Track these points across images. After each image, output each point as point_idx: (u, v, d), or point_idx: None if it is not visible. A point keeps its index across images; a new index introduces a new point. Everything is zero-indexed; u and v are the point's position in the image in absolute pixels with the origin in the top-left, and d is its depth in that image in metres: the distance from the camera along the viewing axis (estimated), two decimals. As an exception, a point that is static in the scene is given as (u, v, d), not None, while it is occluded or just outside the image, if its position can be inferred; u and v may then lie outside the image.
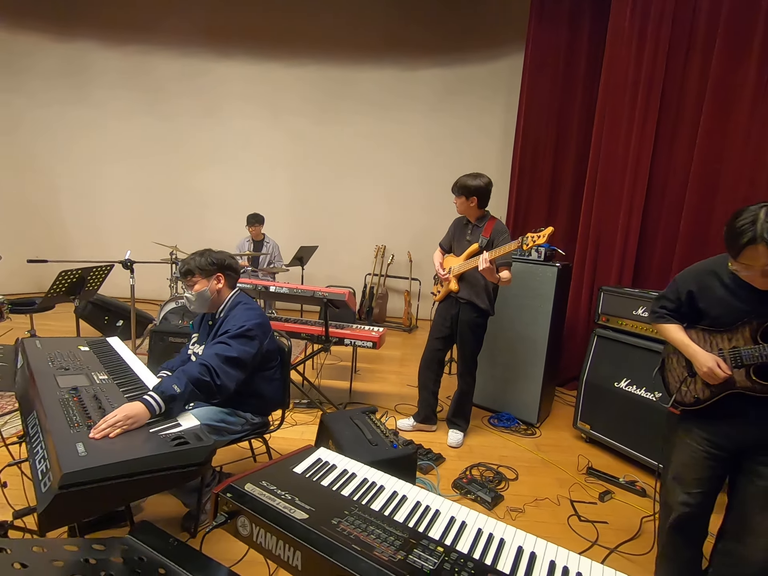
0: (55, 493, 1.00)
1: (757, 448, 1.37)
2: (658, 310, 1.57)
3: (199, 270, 1.82)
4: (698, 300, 1.46)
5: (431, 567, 0.82)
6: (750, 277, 1.28)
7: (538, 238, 2.16)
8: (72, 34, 5.78)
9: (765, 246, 1.17)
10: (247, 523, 0.95)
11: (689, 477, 1.47)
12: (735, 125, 2.92)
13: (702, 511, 1.49)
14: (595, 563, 0.89)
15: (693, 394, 1.48)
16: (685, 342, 1.47)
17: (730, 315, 1.38)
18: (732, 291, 1.37)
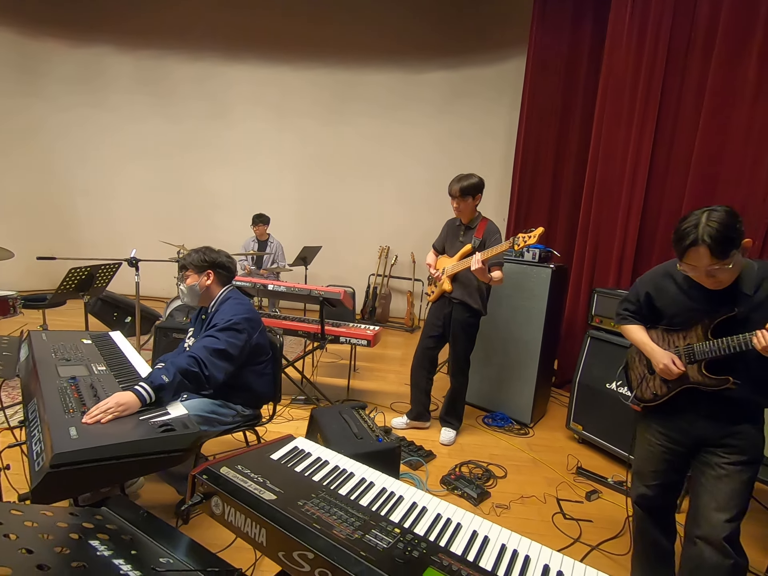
0: (47, 472, 1.08)
1: (709, 441, 1.43)
2: (622, 312, 1.64)
3: (191, 266, 1.92)
4: (655, 301, 1.52)
5: (384, 546, 0.88)
6: (697, 278, 1.33)
7: (528, 238, 2.19)
8: (88, 40, 5.98)
9: (706, 247, 1.23)
10: (220, 503, 1.01)
11: (647, 470, 1.53)
12: (734, 126, 2.91)
13: (661, 504, 1.53)
14: (556, 553, 0.92)
15: (652, 390, 1.54)
16: (644, 341, 1.54)
17: (684, 314, 1.45)
18: (685, 291, 1.43)
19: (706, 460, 1.43)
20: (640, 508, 1.60)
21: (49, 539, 0.64)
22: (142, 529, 0.78)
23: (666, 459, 1.49)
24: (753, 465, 1.39)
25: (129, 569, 0.63)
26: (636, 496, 1.60)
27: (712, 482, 1.39)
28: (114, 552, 0.67)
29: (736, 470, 1.37)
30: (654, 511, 1.58)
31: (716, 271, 1.26)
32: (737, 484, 1.36)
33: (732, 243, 1.23)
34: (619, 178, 3.41)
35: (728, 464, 1.38)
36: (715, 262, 1.24)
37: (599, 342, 2.75)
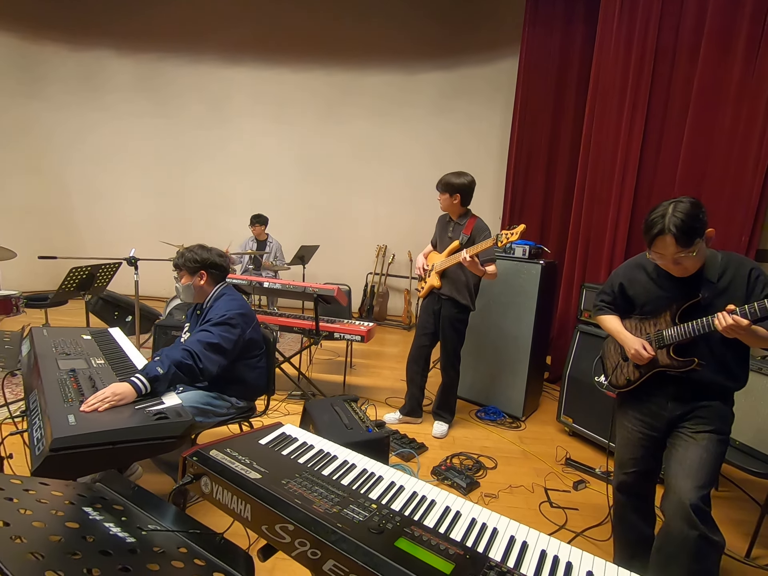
0: (46, 455, 1.15)
1: (677, 421, 1.50)
2: (598, 303, 1.73)
3: (184, 266, 1.98)
4: (627, 290, 1.61)
5: (360, 519, 0.94)
6: (665, 265, 1.41)
7: (511, 235, 2.25)
8: (88, 43, 6.06)
9: (671, 237, 1.30)
10: (209, 482, 1.08)
11: (626, 457, 1.60)
12: (720, 125, 2.96)
13: (640, 491, 1.59)
14: (522, 526, 0.97)
15: (625, 376, 1.61)
16: (618, 329, 1.61)
17: (653, 302, 1.53)
18: (654, 280, 1.52)
19: (676, 435, 1.49)
20: (621, 495, 1.65)
21: (46, 504, 0.70)
22: (132, 501, 0.84)
23: (643, 445, 1.56)
24: (720, 435, 1.43)
25: (118, 531, 0.69)
26: (617, 483, 1.66)
27: (681, 452, 1.44)
28: (105, 517, 0.73)
29: (704, 438, 1.41)
30: (633, 498, 1.64)
31: (682, 258, 1.34)
32: (704, 452, 1.39)
33: (696, 232, 1.30)
34: (609, 176, 3.46)
35: (695, 433, 1.44)
36: (680, 251, 1.32)
37: (588, 336, 2.80)
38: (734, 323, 1.27)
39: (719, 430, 1.44)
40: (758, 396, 2.08)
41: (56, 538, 0.60)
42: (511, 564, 0.86)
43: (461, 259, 2.39)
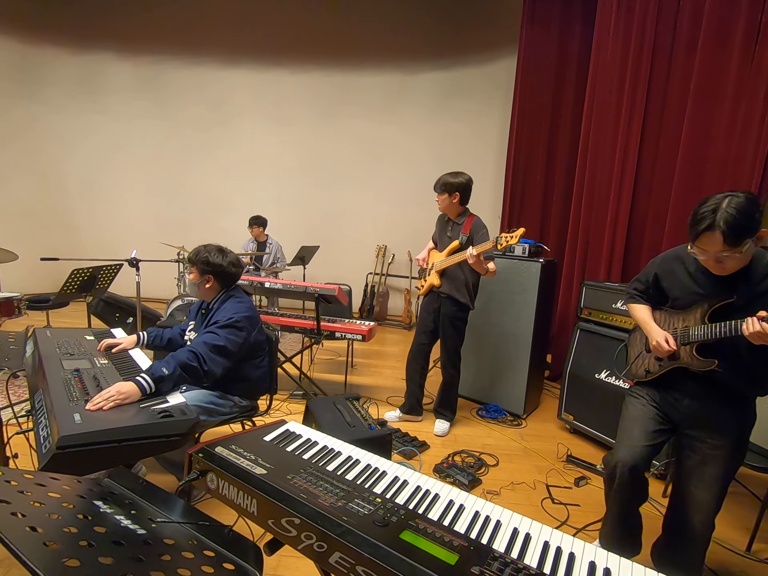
0: (53, 453, 1.16)
1: (693, 422, 1.48)
2: (631, 291, 1.70)
3: (195, 266, 1.98)
4: (661, 281, 1.57)
5: (365, 512, 0.95)
6: (705, 262, 1.35)
7: (511, 238, 2.27)
8: (88, 46, 6.08)
9: (720, 233, 1.22)
10: (215, 478, 1.09)
11: (636, 429, 1.53)
12: (718, 122, 2.98)
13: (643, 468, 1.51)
14: (525, 518, 0.99)
15: (645, 368, 1.60)
16: (645, 319, 1.58)
17: (686, 297, 1.48)
18: (691, 275, 1.47)
19: (693, 443, 1.49)
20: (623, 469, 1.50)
21: (58, 497, 0.71)
22: (141, 495, 0.86)
23: (656, 420, 1.53)
24: (738, 450, 1.45)
25: (129, 523, 0.71)
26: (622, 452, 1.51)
27: (698, 463, 1.46)
28: (115, 510, 0.74)
29: (722, 455, 1.43)
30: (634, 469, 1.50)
31: (726, 258, 1.27)
32: (720, 468, 1.43)
33: (748, 232, 1.22)
34: (608, 175, 3.48)
35: (714, 448, 1.44)
36: (726, 249, 1.24)
37: (588, 334, 2.82)
38: (761, 330, 1.22)
39: (738, 441, 1.44)
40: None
41: (69, 529, 0.61)
42: (515, 555, 0.87)
43: (467, 255, 2.39)
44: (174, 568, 0.62)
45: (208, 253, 1.97)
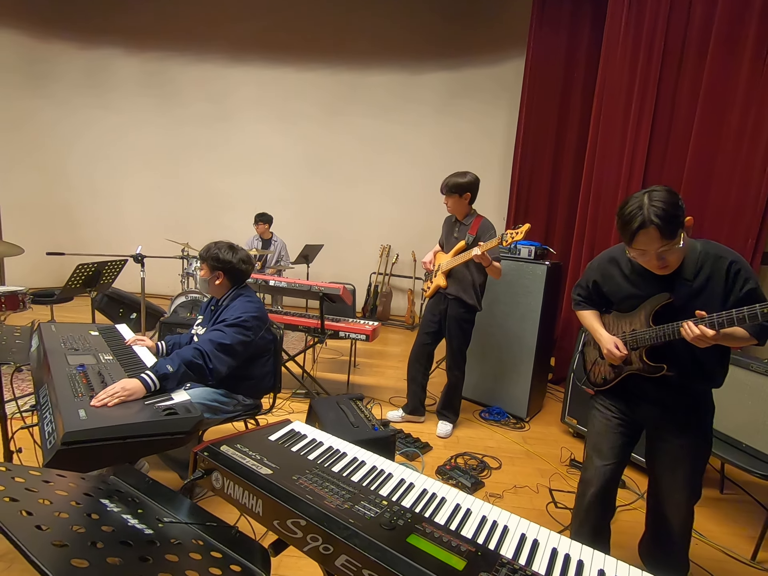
0: (58, 449, 1.16)
1: (659, 424, 1.49)
2: (576, 298, 1.66)
3: (206, 261, 1.98)
4: (602, 287, 1.54)
5: (372, 515, 0.94)
6: (646, 262, 1.32)
7: (516, 234, 2.26)
8: (96, 43, 6.09)
9: (655, 228, 1.20)
10: (220, 477, 1.08)
11: (605, 447, 1.53)
12: (727, 128, 2.96)
13: (614, 482, 1.55)
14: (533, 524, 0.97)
15: (602, 375, 1.58)
16: (594, 326, 1.56)
17: (628, 300, 1.46)
18: (627, 277, 1.44)
19: (660, 440, 1.49)
20: (594, 485, 1.54)
21: (65, 495, 0.71)
22: (147, 494, 0.85)
23: (621, 432, 1.52)
24: (704, 440, 1.47)
25: (136, 523, 0.70)
26: (594, 473, 1.54)
27: (669, 461, 1.47)
28: (122, 509, 0.74)
29: (690, 447, 1.44)
30: (605, 489, 1.53)
31: (666, 252, 1.25)
32: (693, 460, 1.45)
33: (678, 221, 1.21)
34: (615, 178, 3.46)
35: (680, 446, 1.45)
36: (665, 243, 1.22)
37: (593, 337, 2.80)
38: (701, 334, 1.21)
39: (703, 435, 1.46)
40: (765, 398, 2.07)
41: (77, 528, 0.61)
42: (523, 561, 0.86)
43: (473, 255, 2.38)
44: (182, 570, 0.61)
45: (218, 250, 1.97)
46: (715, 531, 2.05)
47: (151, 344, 2.00)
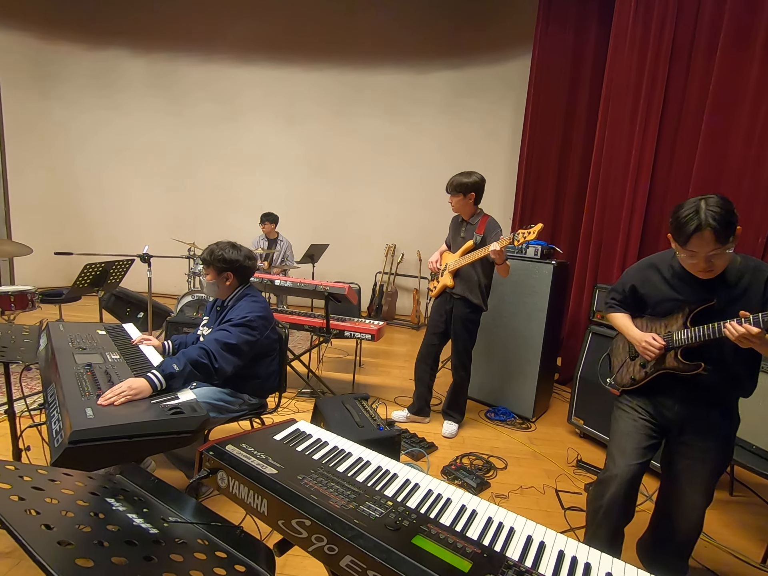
0: (66, 447, 1.16)
1: (684, 426, 1.50)
2: (609, 301, 1.71)
3: (212, 265, 1.97)
4: (639, 290, 1.58)
5: (377, 516, 0.94)
6: (693, 265, 1.36)
7: (528, 234, 2.25)
8: (103, 43, 6.14)
9: (711, 231, 1.25)
10: (225, 477, 1.08)
11: (630, 447, 1.52)
12: (737, 126, 2.92)
13: (635, 485, 1.52)
14: (540, 526, 0.96)
15: (630, 375, 1.60)
16: (627, 326, 1.60)
17: (665, 303, 1.50)
18: (668, 282, 1.49)
19: (683, 445, 1.51)
20: (615, 487, 1.49)
21: (71, 494, 0.71)
22: (153, 493, 0.85)
23: (648, 434, 1.53)
24: (726, 448, 1.49)
25: (141, 522, 0.70)
26: (616, 472, 1.50)
27: (689, 465, 1.49)
28: (128, 508, 0.74)
29: (711, 456, 1.47)
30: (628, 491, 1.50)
31: (715, 257, 1.29)
32: (712, 468, 1.47)
33: (733, 227, 1.26)
34: (622, 177, 3.43)
35: (703, 451, 1.47)
36: (717, 247, 1.27)
37: (600, 337, 2.78)
38: (745, 332, 1.24)
39: (726, 441, 1.47)
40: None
41: (83, 527, 0.61)
42: (529, 564, 0.85)
43: (490, 251, 2.35)
44: (186, 570, 0.61)
45: (222, 251, 1.96)
46: (725, 534, 2.02)
47: (157, 343, 2.01)
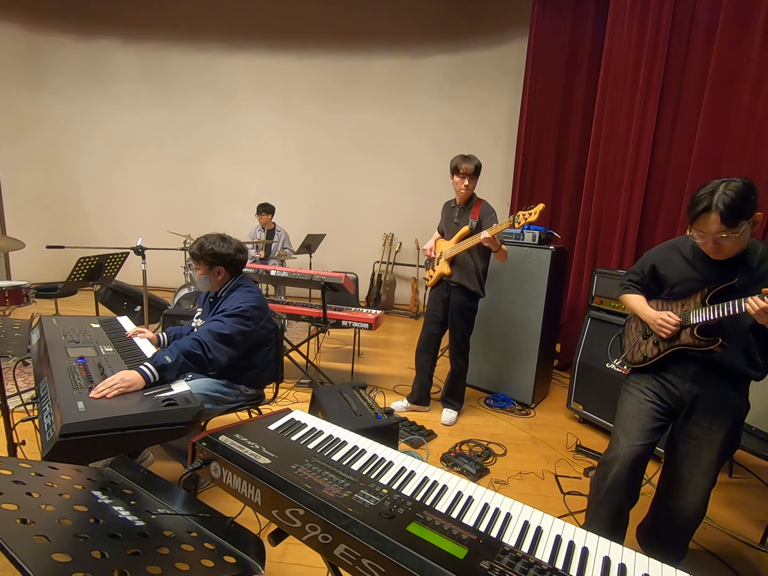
0: (57, 441, 1.15)
1: (694, 406, 1.48)
2: (625, 282, 1.70)
3: (202, 259, 1.93)
4: (659, 269, 1.58)
5: (372, 504, 0.92)
6: (704, 246, 1.37)
7: (529, 215, 2.20)
8: (93, 33, 6.02)
9: (717, 214, 1.26)
10: (218, 467, 1.07)
11: (634, 428, 1.52)
12: (737, 105, 2.86)
13: (640, 466, 1.52)
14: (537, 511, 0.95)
15: (642, 353, 1.59)
16: (642, 306, 1.59)
17: (684, 283, 1.50)
18: (689, 262, 1.49)
19: (689, 427, 1.50)
20: (618, 467, 1.50)
21: (54, 488, 0.69)
22: (142, 485, 0.84)
23: (654, 417, 1.52)
24: (733, 434, 1.48)
25: (127, 515, 0.68)
26: (619, 452, 1.51)
27: (694, 449, 1.48)
28: (114, 501, 0.72)
29: (718, 439, 1.46)
30: (631, 472, 1.50)
31: (723, 239, 1.29)
32: (716, 453, 1.46)
33: (742, 213, 1.26)
34: (621, 160, 3.38)
35: (710, 432, 1.46)
36: (723, 230, 1.27)
37: (599, 322, 2.76)
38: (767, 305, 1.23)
39: (735, 424, 1.46)
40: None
41: (65, 522, 0.59)
42: (526, 549, 0.84)
43: (481, 239, 2.32)
44: (172, 563, 0.59)
45: (212, 245, 1.92)
46: (724, 515, 2.03)
47: (151, 336, 1.99)
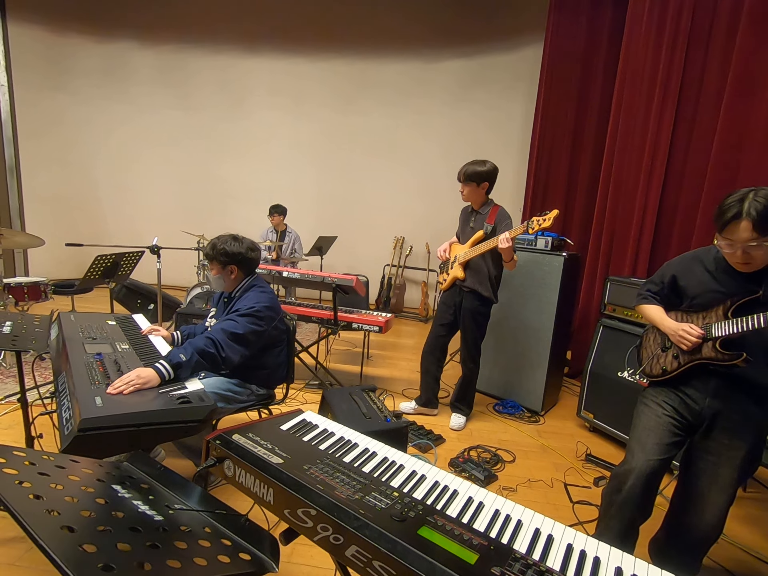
0: (75, 435, 1.18)
1: (714, 421, 1.45)
2: (644, 293, 1.67)
3: (216, 259, 1.96)
4: (680, 280, 1.54)
5: (383, 506, 0.93)
6: (731, 255, 1.34)
7: (543, 221, 2.19)
8: (112, 35, 6.14)
9: (749, 221, 1.24)
10: (232, 466, 1.08)
11: (651, 442, 1.50)
12: (756, 113, 2.82)
13: (655, 481, 1.50)
14: (548, 519, 0.95)
15: (661, 366, 1.56)
16: (661, 317, 1.56)
17: (706, 295, 1.46)
18: (712, 274, 1.46)
19: (704, 445, 1.47)
20: (633, 479, 1.47)
21: (77, 480, 0.71)
22: (159, 480, 0.85)
23: (672, 431, 1.49)
24: (753, 453, 1.44)
25: (146, 509, 0.70)
26: (634, 465, 1.48)
27: (712, 465, 1.45)
28: (133, 495, 0.74)
29: (738, 457, 1.42)
30: (645, 487, 1.47)
31: (753, 248, 1.27)
32: (735, 471, 1.43)
33: None
34: (636, 167, 3.35)
35: (729, 450, 1.42)
36: (755, 238, 1.25)
37: (612, 330, 2.73)
38: None
39: (755, 445, 1.43)
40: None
41: (87, 513, 0.61)
42: (537, 557, 0.84)
43: (501, 240, 2.31)
44: (190, 557, 0.60)
45: (224, 245, 1.95)
46: (738, 530, 1.99)
47: (166, 334, 2.02)
